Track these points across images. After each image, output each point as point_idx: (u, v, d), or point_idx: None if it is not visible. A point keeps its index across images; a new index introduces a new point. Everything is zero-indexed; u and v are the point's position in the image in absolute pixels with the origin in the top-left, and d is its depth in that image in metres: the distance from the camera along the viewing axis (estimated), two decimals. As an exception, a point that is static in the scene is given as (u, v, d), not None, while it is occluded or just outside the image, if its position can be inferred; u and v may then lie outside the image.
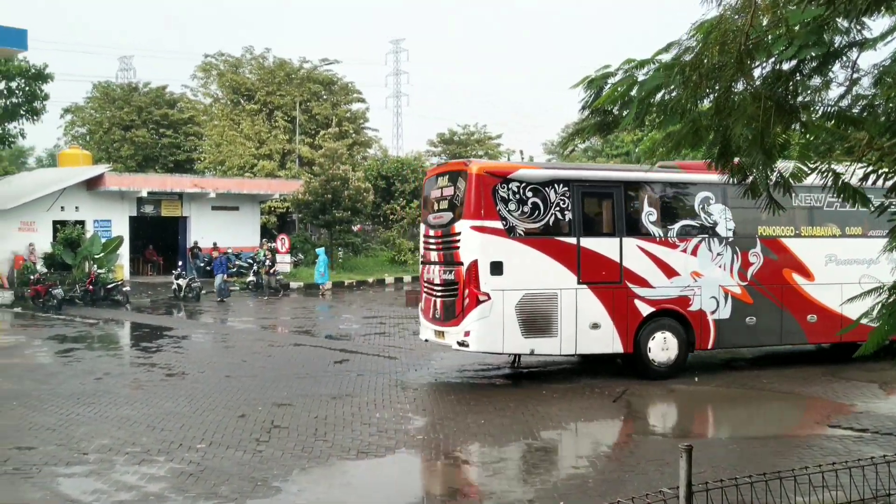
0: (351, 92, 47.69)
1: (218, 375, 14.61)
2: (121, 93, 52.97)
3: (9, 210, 27.54)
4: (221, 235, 34.27)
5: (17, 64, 32.04)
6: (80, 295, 25.54)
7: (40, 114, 34.84)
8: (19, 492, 8.28)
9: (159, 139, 50.49)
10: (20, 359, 16.37)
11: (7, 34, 25.15)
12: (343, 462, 9.42)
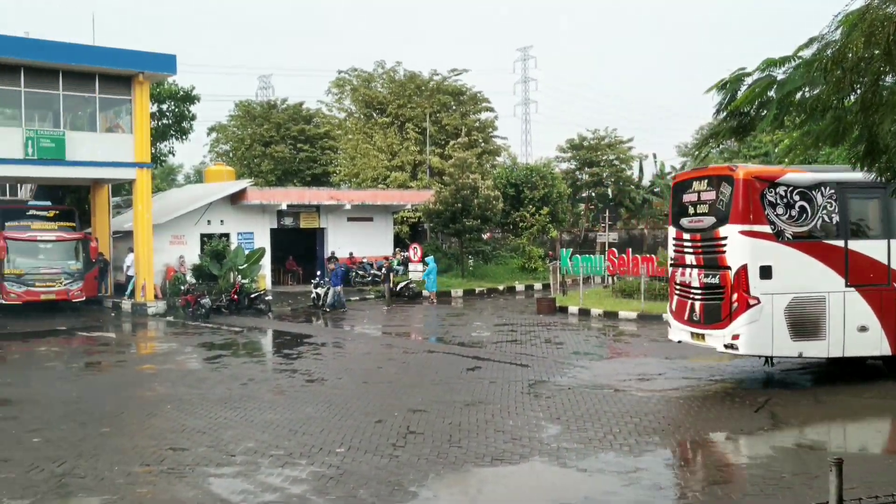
0: (479, 101, 48.00)
1: (355, 381, 15.01)
2: (261, 110, 55.34)
3: (162, 224, 29.29)
4: (357, 245, 35.25)
5: (167, 87, 34.12)
6: (225, 304, 26.83)
7: (188, 133, 36.96)
8: (174, 490, 8.79)
9: (297, 154, 52.41)
10: (173, 364, 17.36)
11: (158, 60, 26.84)
12: (477, 469, 9.49)
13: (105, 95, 26.67)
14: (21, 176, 28.33)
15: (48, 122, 27.74)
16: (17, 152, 24.65)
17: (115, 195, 33.21)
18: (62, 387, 14.88)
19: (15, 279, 25.47)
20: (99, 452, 10.21)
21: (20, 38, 25.10)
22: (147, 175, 27.26)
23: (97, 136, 26.78)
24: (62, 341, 21.21)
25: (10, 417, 12.23)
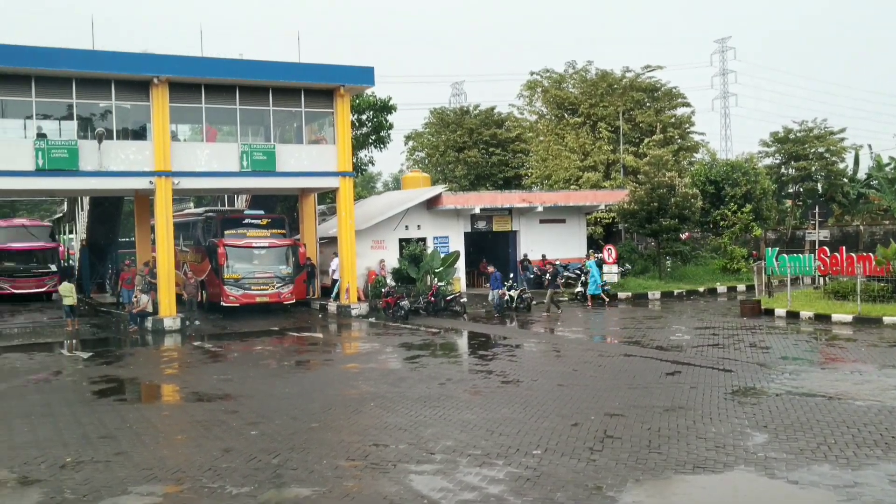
0: (675, 97, 46.49)
1: (550, 384, 14.96)
2: (453, 117, 56.53)
3: (363, 230, 30.64)
4: (549, 247, 35.17)
5: (366, 98, 35.68)
6: (423, 306, 27.65)
7: (386, 142, 38.48)
8: (378, 485, 9.13)
9: (489, 158, 53.06)
10: (375, 364, 18.08)
11: (357, 73, 28.10)
12: (678, 476, 9.16)
13: (310, 109, 28.27)
14: (237, 187, 30.60)
15: (260, 136, 29.81)
16: (234, 165, 26.65)
17: (321, 203, 35.10)
18: (275, 383, 15.90)
19: (233, 283, 27.52)
20: (309, 446, 10.80)
21: (237, 60, 27.15)
22: (349, 183, 28.60)
23: (303, 148, 28.44)
24: (275, 341, 22.68)
25: (232, 411, 13.21)
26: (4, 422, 12.79)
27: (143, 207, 31.98)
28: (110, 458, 10.40)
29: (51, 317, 29.31)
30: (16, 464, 10.21)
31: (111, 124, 25.68)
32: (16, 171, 23.98)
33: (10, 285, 35.86)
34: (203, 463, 10.05)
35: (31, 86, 24.12)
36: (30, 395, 15.31)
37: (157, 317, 25.55)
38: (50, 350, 21.96)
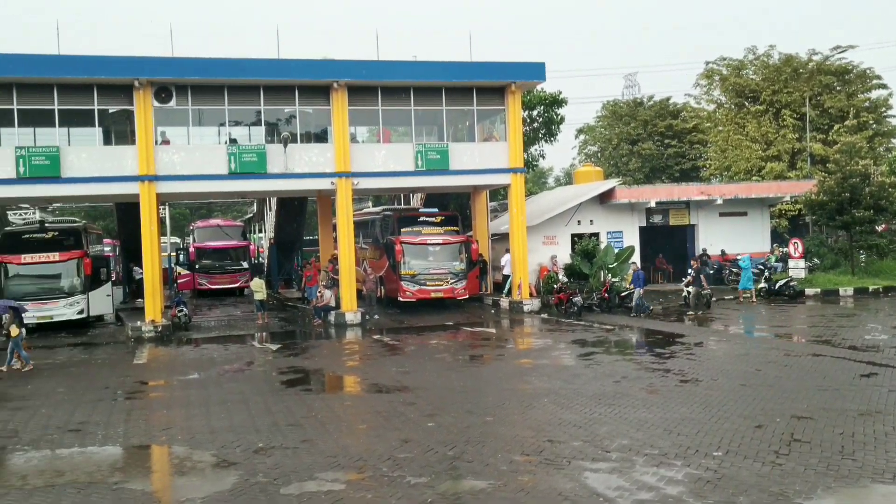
0: (869, 78, 43.30)
1: (732, 383, 14.37)
2: (627, 109, 55.41)
3: (534, 226, 30.66)
4: (729, 241, 33.77)
5: (537, 94, 35.62)
6: (596, 302, 27.29)
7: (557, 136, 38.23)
8: (553, 481, 9.12)
9: (664, 150, 51.61)
10: (548, 360, 18.05)
11: (528, 69, 28.11)
12: (876, 485, 8.56)
13: (481, 107, 28.58)
14: (412, 186, 31.43)
15: (433, 136, 30.47)
16: (409, 165, 27.38)
17: (492, 200, 35.42)
18: (450, 376, 16.23)
19: (410, 279, 28.30)
20: (484, 439, 10.95)
21: (412, 63, 27.95)
22: (520, 179, 28.69)
23: (475, 146, 28.79)
24: (449, 335, 23.14)
25: (409, 403, 13.62)
26: (204, 407, 13.82)
27: (325, 207, 33.50)
28: (298, 444, 10.99)
29: (243, 311, 31.34)
30: (215, 447, 11.00)
31: (295, 128, 27.10)
32: (212, 174, 25.82)
33: (208, 281, 38.71)
34: (383, 452, 10.43)
35: (223, 95, 25.88)
36: (226, 383, 16.45)
37: (340, 311, 26.72)
38: (243, 342, 23.48)
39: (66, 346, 23.48)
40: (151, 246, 25.59)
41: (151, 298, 25.39)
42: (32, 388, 16.54)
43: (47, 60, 24.25)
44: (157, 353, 21.74)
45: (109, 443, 11.62)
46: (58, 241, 27.10)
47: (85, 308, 26.81)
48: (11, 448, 11.50)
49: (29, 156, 24.24)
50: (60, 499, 8.93)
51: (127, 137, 26.27)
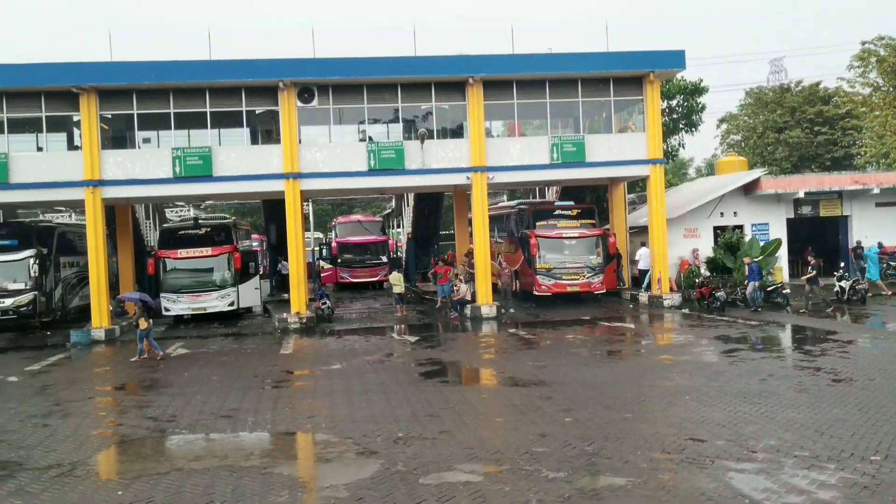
0: None
1: (891, 384, 13.51)
2: (772, 96, 53.01)
3: (675, 218, 29.84)
4: (888, 233, 31.73)
5: (676, 83, 34.65)
6: (740, 297, 26.25)
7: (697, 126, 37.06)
8: (695, 480, 8.86)
9: (814, 138, 49.07)
10: (689, 356, 17.54)
11: (667, 57, 27.35)
12: None
13: (618, 98, 28.06)
14: (547, 179, 31.22)
15: (568, 128, 30.17)
16: (545, 158, 27.25)
17: (630, 192, 34.73)
18: (587, 371, 16.05)
19: (545, 273, 28.15)
20: (623, 436, 10.77)
21: (547, 55, 27.92)
22: (659, 171, 27.98)
23: (612, 137, 28.30)
24: (586, 330, 22.87)
25: (546, 397, 13.56)
26: (346, 397, 14.26)
27: (461, 202, 33.82)
28: (436, 435, 11.17)
29: (382, 304, 32.11)
30: (357, 436, 11.34)
31: (431, 125, 27.49)
32: (352, 171, 26.59)
33: (350, 275, 39.94)
34: (520, 446, 10.44)
35: (363, 93, 26.57)
36: (367, 373, 16.91)
37: (476, 305, 26.92)
38: (382, 334, 24.05)
39: (218, 336, 24.78)
40: (296, 241, 26.60)
41: (297, 291, 26.42)
42: (189, 375, 17.55)
43: (200, 66, 25.62)
44: (302, 343, 22.60)
45: (258, 429, 12.18)
46: (210, 236, 28.63)
47: (235, 300, 28.20)
48: (171, 431, 12.26)
49: (184, 156, 25.73)
50: (215, 481, 9.43)
51: (272, 137, 27.42)
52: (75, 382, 17.57)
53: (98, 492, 9.23)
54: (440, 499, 8.50)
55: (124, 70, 25.30)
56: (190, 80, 25.64)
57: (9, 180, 25.18)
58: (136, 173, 25.87)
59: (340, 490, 8.91)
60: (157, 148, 27.25)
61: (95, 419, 13.68)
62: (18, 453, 11.13)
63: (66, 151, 27.29)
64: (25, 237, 27.84)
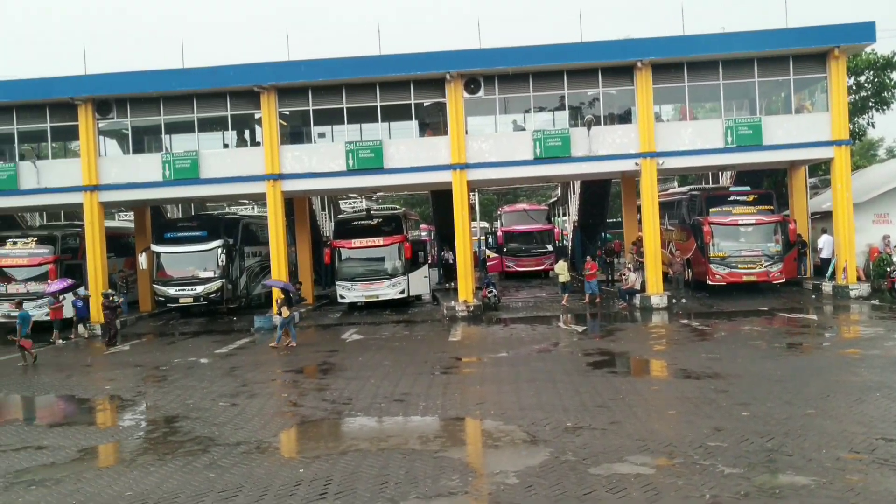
0: None
1: None
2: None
3: (862, 203, 27.85)
4: None
5: (865, 57, 32.24)
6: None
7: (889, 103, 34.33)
8: (887, 482, 8.29)
9: None
10: (880, 350, 16.36)
11: (853, 30, 25.51)
12: None
13: (798, 76, 26.49)
14: (721, 164, 29.95)
15: (743, 110, 28.83)
16: (718, 142, 26.20)
17: (812, 175, 32.73)
18: (766, 365, 15.31)
19: (719, 262, 27.08)
20: (805, 433, 10.20)
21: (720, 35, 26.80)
22: (845, 152, 26.22)
23: (791, 119, 26.80)
24: (764, 321, 21.83)
25: (721, 390, 13.07)
26: (514, 384, 14.35)
27: (628, 188, 33.11)
28: (605, 426, 11.02)
29: (548, 293, 32.03)
30: (525, 423, 11.38)
31: (598, 111, 27.03)
32: (518, 160, 26.64)
33: (515, 263, 40.12)
34: (694, 439, 10.12)
35: (528, 82, 26.53)
36: (533, 362, 16.93)
37: (645, 294, 26.31)
38: (548, 323, 23.99)
39: (389, 323, 25.59)
40: (463, 230, 26.98)
41: (464, 280, 26.82)
42: (363, 360, 18.24)
43: (371, 61, 26.44)
44: (470, 331, 22.93)
45: (429, 414, 12.49)
46: (382, 227, 29.61)
47: (405, 288, 29.01)
48: (347, 413, 12.79)
49: (357, 150, 26.69)
50: (388, 462, 9.76)
51: (440, 128, 27.91)
52: (259, 365, 18.69)
53: (282, 469, 9.77)
54: (611, 490, 8.39)
55: (301, 68, 26.53)
56: (361, 76, 26.53)
57: (199, 176, 27.11)
58: (313, 167, 27.11)
59: (510, 476, 8.99)
60: (332, 142, 28.40)
61: (278, 400, 14.48)
62: (211, 430, 11.97)
63: (249, 148, 28.97)
64: (214, 228, 29.85)
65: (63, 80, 27.10)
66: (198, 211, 39.40)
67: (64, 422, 13.90)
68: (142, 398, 15.20)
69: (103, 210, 28.51)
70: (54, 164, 28.46)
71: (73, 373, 19.09)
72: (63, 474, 9.99)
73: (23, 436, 12.35)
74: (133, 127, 28.01)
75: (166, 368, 18.68)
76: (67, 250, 28.99)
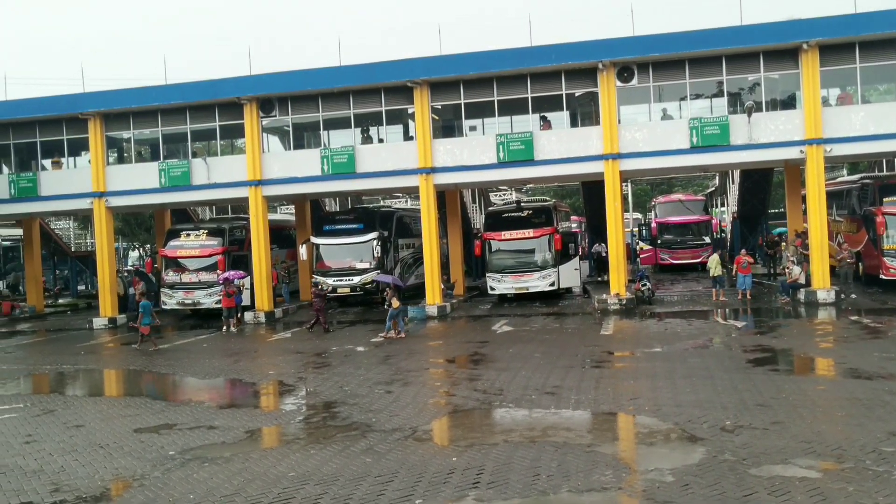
0: None
1: None
2: None
3: None
4: None
5: None
6: None
7: None
8: None
9: None
10: None
11: None
12: None
13: None
14: (897, 150, 27.98)
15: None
16: (894, 126, 24.43)
17: None
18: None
19: (894, 254, 25.30)
20: None
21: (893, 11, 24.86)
22: None
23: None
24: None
25: None
26: (669, 380, 13.98)
27: (792, 177, 31.46)
28: (767, 426, 10.54)
29: (705, 286, 30.92)
30: (681, 420, 11.06)
31: (759, 97, 25.79)
32: (673, 149, 25.86)
33: (670, 256, 39.06)
34: (865, 443, 9.52)
35: (684, 69, 25.66)
36: (690, 358, 16.42)
37: (810, 289, 24.96)
38: (705, 317, 23.19)
39: (539, 315, 25.53)
40: (615, 222, 26.49)
41: (616, 273, 26.37)
42: (513, 352, 18.30)
43: (521, 53, 26.35)
44: (622, 325, 22.53)
45: (581, 407, 12.37)
46: (532, 219, 29.55)
47: (556, 280, 28.85)
48: (498, 404, 12.87)
49: (507, 142, 26.73)
50: (540, 455, 9.74)
51: (591, 119, 27.50)
52: (413, 354, 19.11)
53: (435, 457, 9.96)
54: (773, 492, 8.02)
55: (452, 62, 26.83)
56: (512, 68, 26.51)
57: (355, 170, 27.99)
58: (464, 160, 27.38)
59: (665, 474, 8.77)
60: (482, 135, 28.58)
61: (431, 389, 14.77)
62: (367, 416, 12.36)
63: (402, 142, 29.62)
64: (370, 221, 30.76)
65: (230, 82, 28.66)
66: (354, 204, 40.71)
67: (232, 404, 14.74)
68: (302, 384, 15.90)
69: (267, 203, 29.95)
70: (222, 160, 30.22)
71: (240, 358, 20.22)
72: (232, 453, 10.61)
73: (196, 415, 13.20)
74: (293, 124, 29.25)
75: (325, 355, 19.44)
76: (234, 242, 30.70)
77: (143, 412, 13.74)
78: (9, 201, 31.27)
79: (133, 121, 30.13)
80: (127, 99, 29.55)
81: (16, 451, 11.22)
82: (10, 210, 32.14)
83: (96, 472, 10.00)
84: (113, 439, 11.68)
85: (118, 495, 9.14)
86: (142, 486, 9.36)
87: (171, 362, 19.75)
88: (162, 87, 29.22)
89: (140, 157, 32.93)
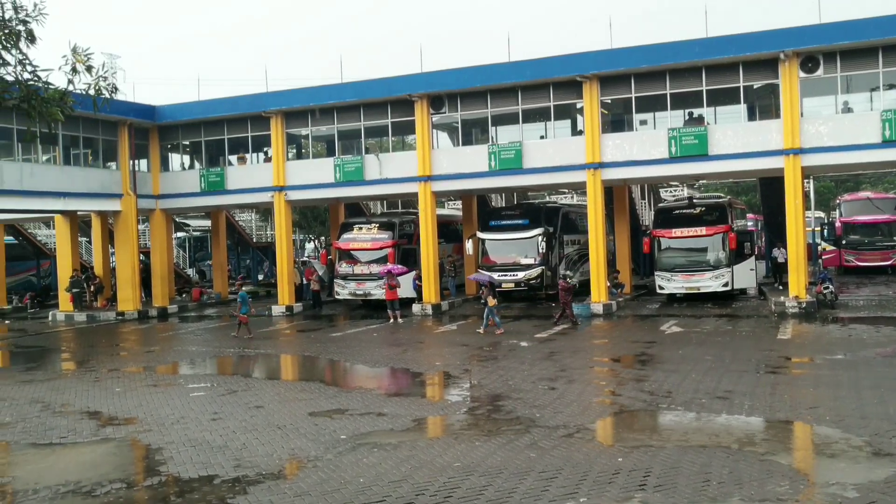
0: None
1: None
2: None
3: None
4: None
5: None
6: None
7: None
8: None
9: None
10: None
11: None
12: None
13: None
14: None
15: None
16: None
17: None
18: None
19: None
20: None
21: None
22: None
23: None
24: None
25: None
26: (854, 390, 13.10)
27: None
28: (967, 444, 9.67)
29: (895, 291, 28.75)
30: (866, 433, 10.33)
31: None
32: (862, 144, 24.16)
33: (856, 258, 36.56)
34: None
35: (877, 57, 23.89)
36: (878, 367, 15.32)
37: None
38: (895, 325, 21.54)
39: (711, 316, 24.60)
40: (796, 221, 25.09)
41: (796, 274, 24.99)
42: (683, 353, 17.74)
43: (696, 45, 25.42)
44: (801, 329, 21.32)
45: (754, 414, 11.81)
46: (704, 216, 28.48)
47: (729, 281, 27.69)
48: (666, 407, 12.52)
49: (679, 136, 25.91)
50: (711, 461, 9.39)
51: (770, 112, 26.16)
52: (577, 351, 18.94)
53: (600, 456, 9.82)
54: (974, 517, 7.36)
55: (623, 56, 26.28)
56: (685, 60, 25.62)
57: (522, 166, 28.00)
58: (633, 155, 26.76)
59: (848, 489, 8.22)
60: (653, 129, 27.86)
61: (596, 387, 14.57)
62: (532, 412, 12.36)
63: (570, 137, 29.33)
64: (535, 216, 30.71)
65: (402, 79, 29.40)
66: (519, 199, 40.76)
67: (400, 392, 15.17)
68: (467, 376, 16.13)
69: (435, 198, 30.51)
70: (393, 156, 31.11)
71: (407, 348, 20.76)
72: (400, 440, 10.92)
73: (366, 402, 13.68)
74: (462, 120, 29.63)
75: (490, 349, 19.61)
76: (404, 236, 31.52)
77: (317, 396, 14.39)
78: (199, 194, 33.63)
79: (311, 118, 31.54)
80: (306, 97, 30.98)
81: (204, 427, 12.06)
82: (201, 203, 34.58)
83: (274, 451, 10.58)
84: (289, 421, 12.31)
85: (293, 475, 9.63)
86: (315, 467, 9.80)
87: (342, 350, 20.57)
88: (338, 86, 30.42)
89: (317, 153, 34.50)
